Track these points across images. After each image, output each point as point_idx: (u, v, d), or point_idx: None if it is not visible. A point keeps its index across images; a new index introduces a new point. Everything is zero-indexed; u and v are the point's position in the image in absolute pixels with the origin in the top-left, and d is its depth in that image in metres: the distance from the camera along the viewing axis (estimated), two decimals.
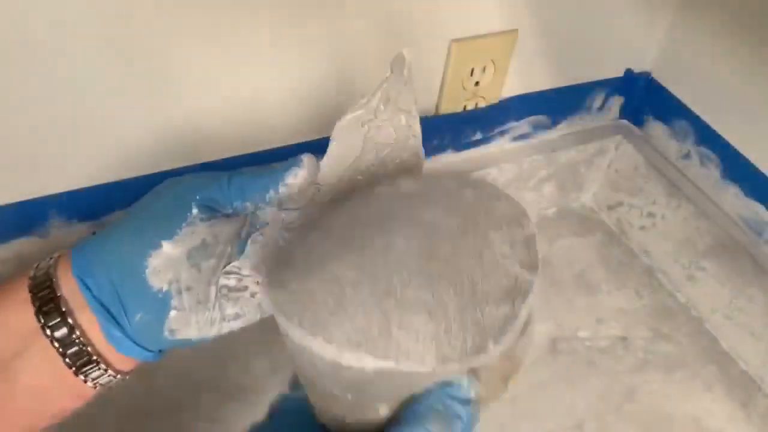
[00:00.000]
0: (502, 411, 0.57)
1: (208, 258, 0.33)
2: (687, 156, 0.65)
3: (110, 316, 0.32)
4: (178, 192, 0.34)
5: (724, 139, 0.61)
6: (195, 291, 0.33)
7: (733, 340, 0.64)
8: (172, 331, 0.33)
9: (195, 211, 0.33)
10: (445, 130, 0.60)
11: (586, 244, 0.73)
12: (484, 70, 0.56)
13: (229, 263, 0.34)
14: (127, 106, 0.44)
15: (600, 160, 0.72)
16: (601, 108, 0.68)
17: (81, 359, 0.32)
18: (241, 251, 0.34)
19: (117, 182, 0.47)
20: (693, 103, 0.63)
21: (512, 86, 0.60)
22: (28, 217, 0.46)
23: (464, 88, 0.56)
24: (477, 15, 0.53)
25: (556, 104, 0.65)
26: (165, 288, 0.32)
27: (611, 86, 0.67)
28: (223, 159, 0.50)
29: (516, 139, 0.65)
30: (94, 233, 0.34)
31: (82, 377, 0.33)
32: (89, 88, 0.41)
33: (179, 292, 0.33)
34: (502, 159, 0.65)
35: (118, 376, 0.34)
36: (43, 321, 0.31)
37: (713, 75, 0.60)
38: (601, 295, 0.68)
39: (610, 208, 0.75)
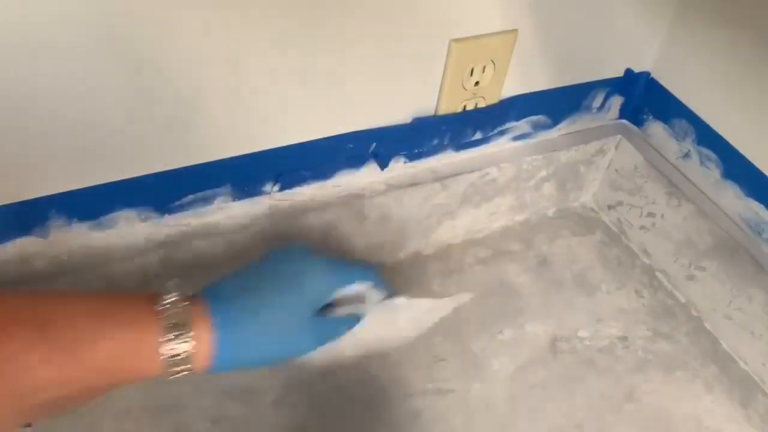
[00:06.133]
0: (502, 411, 0.57)
1: None
2: (687, 156, 0.65)
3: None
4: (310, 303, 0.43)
5: (724, 139, 0.61)
6: None
7: (733, 340, 0.64)
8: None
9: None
10: (445, 130, 0.60)
11: (586, 244, 0.73)
12: (484, 70, 0.56)
13: None
14: (122, 107, 0.44)
15: (600, 160, 0.72)
16: (601, 108, 0.68)
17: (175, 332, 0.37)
18: None
19: (116, 182, 0.47)
20: (693, 103, 0.63)
21: (512, 86, 0.60)
22: (28, 217, 0.46)
23: (464, 88, 0.57)
24: (477, 15, 0.53)
25: (556, 104, 0.65)
26: None
27: (611, 86, 0.67)
28: (220, 159, 0.50)
29: (516, 139, 0.66)
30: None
31: (168, 349, 0.36)
32: (88, 88, 0.42)
33: None
34: (502, 159, 0.65)
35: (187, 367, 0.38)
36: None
37: (713, 75, 0.60)
38: (601, 294, 0.68)
39: (610, 208, 0.75)
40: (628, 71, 0.66)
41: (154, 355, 0.36)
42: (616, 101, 0.69)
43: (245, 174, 0.52)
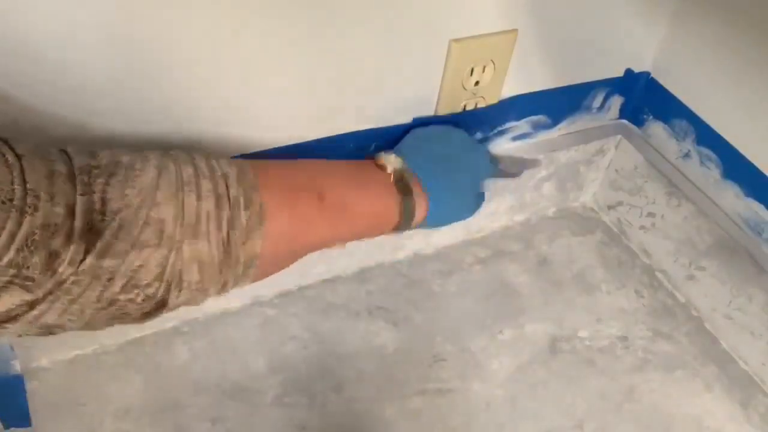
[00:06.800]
0: (502, 411, 0.57)
1: None
2: (687, 156, 0.65)
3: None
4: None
5: (724, 139, 0.61)
6: None
7: (733, 340, 0.64)
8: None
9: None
10: None
11: (585, 243, 0.73)
12: (484, 70, 0.56)
13: None
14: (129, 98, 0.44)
15: (600, 160, 0.72)
16: (601, 108, 0.69)
17: (405, 195, 0.48)
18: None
19: None
20: (693, 103, 0.63)
21: (512, 86, 0.60)
22: None
23: (464, 88, 0.57)
24: (477, 15, 0.53)
25: (556, 104, 0.65)
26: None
27: (611, 86, 0.67)
28: None
29: (516, 138, 0.66)
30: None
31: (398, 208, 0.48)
32: (89, 76, 0.42)
33: None
34: None
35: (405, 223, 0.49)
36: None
37: (713, 75, 0.60)
38: (601, 294, 0.68)
39: (610, 208, 0.75)
40: (628, 71, 0.66)
41: (394, 215, 0.48)
42: (616, 101, 0.69)
43: None
